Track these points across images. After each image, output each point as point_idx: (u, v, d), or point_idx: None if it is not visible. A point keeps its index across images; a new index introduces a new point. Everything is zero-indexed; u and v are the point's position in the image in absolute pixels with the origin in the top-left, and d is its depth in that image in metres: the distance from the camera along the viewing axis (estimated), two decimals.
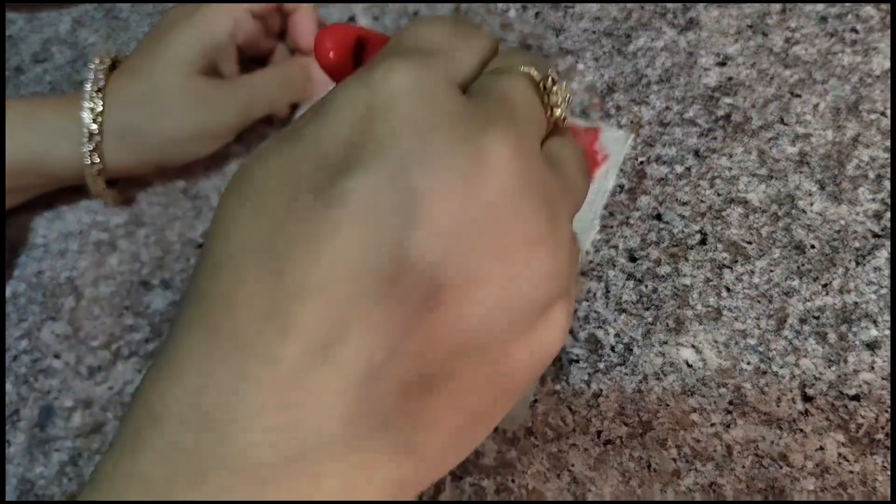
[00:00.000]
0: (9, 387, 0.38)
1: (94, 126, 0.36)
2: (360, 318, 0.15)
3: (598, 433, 0.31)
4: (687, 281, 0.33)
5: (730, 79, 0.38)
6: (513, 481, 0.31)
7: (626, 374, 0.32)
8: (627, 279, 0.34)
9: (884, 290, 0.32)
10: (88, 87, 0.36)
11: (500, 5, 0.43)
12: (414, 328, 0.16)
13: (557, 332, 0.18)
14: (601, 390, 0.32)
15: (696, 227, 0.35)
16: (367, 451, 0.16)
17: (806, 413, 0.30)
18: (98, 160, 0.37)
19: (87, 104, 0.36)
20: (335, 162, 0.16)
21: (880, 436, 0.29)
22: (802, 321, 0.32)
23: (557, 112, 0.20)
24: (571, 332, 0.33)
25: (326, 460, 0.15)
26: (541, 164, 0.18)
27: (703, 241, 0.34)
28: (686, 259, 0.34)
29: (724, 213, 0.35)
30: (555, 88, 0.20)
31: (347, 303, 0.15)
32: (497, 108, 0.18)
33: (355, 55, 0.22)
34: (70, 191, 0.41)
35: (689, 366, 0.32)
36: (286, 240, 0.16)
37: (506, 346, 0.17)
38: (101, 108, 0.36)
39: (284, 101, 0.41)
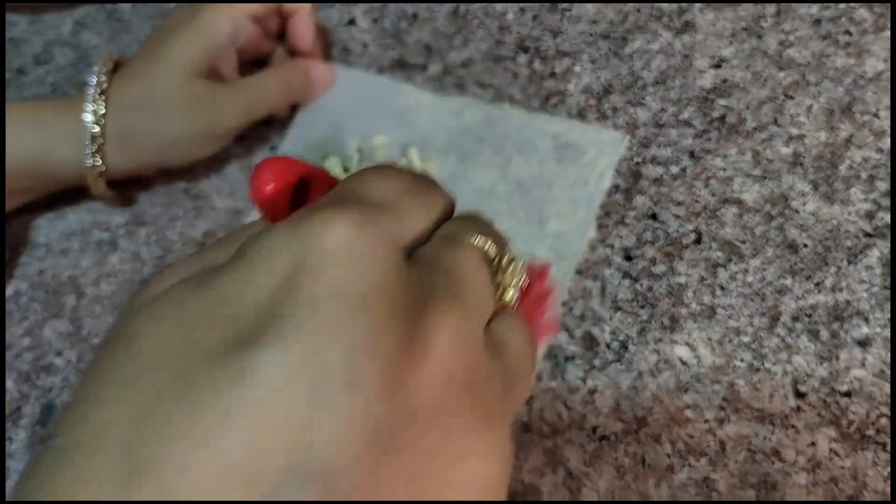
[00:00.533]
0: (11, 384, 0.38)
1: (97, 128, 0.37)
2: None
3: (594, 429, 0.32)
4: (682, 279, 0.34)
5: (725, 81, 0.39)
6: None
7: (621, 371, 0.32)
8: (623, 278, 0.34)
9: (875, 289, 0.32)
10: (91, 89, 0.37)
11: (497, 7, 0.44)
12: None
13: None
14: (597, 387, 0.32)
15: (691, 227, 0.35)
16: None
17: (798, 409, 0.31)
18: (100, 162, 0.37)
19: (89, 106, 0.36)
20: (244, 328, 0.14)
21: (871, 431, 0.30)
22: (795, 319, 0.32)
23: (508, 296, 0.18)
24: (568, 329, 0.34)
25: None
26: (482, 358, 0.16)
27: (697, 241, 0.35)
28: (681, 258, 0.34)
29: (718, 213, 0.35)
30: (510, 269, 0.18)
31: None
32: (442, 284, 0.15)
33: (298, 194, 0.19)
34: (72, 191, 0.41)
35: (684, 363, 0.32)
36: (158, 430, 0.13)
37: None
38: (103, 111, 0.37)
39: (284, 103, 0.42)
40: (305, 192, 0.19)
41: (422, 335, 0.14)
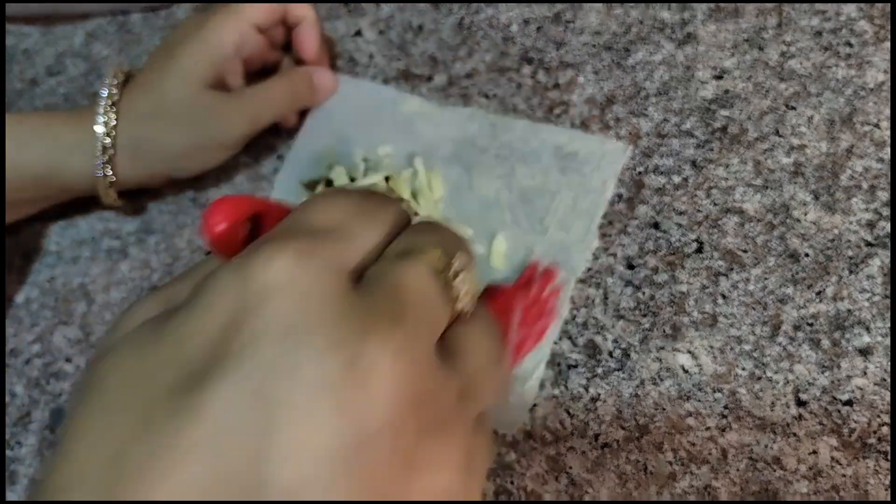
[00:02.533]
0: (21, 390, 0.39)
1: (108, 140, 0.37)
2: None
3: (596, 436, 0.32)
4: (683, 288, 0.34)
5: (726, 91, 0.39)
6: (512, 483, 0.31)
7: (623, 378, 0.33)
8: (625, 286, 0.35)
9: (876, 298, 0.33)
10: (103, 101, 0.37)
11: (502, 19, 0.44)
12: None
13: None
14: (599, 395, 0.33)
15: (693, 236, 0.35)
16: None
17: (799, 417, 0.31)
18: (111, 172, 0.38)
19: (101, 118, 0.37)
20: (197, 367, 0.14)
21: (872, 440, 0.30)
22: (796, 328, 0.33)
23: (460, 306, 0.18)
24: (570, 337, 0.34)
25: None
26: (430, 373, 0.16)
27: (699, 250, 0.35)
28: (683, 267, 0.35)
29: (720, 222, 0.35)
30: (459, 280, 0.18)
31: None
32: (386, 305, 0.16)
33: (254, 228, 0.20)
34: (83, 200, 0.42)
35: (686, 371, 0.32)
36: (128, 470, 0.14)
37: None
38: (114, 123, 0.37)
39: (289, 110, 0.42)
40: (260, 226, 0.20)
41: (361, 361, 0.14)
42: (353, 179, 0.40)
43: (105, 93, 0.38)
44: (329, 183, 0.40)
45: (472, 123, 0.41)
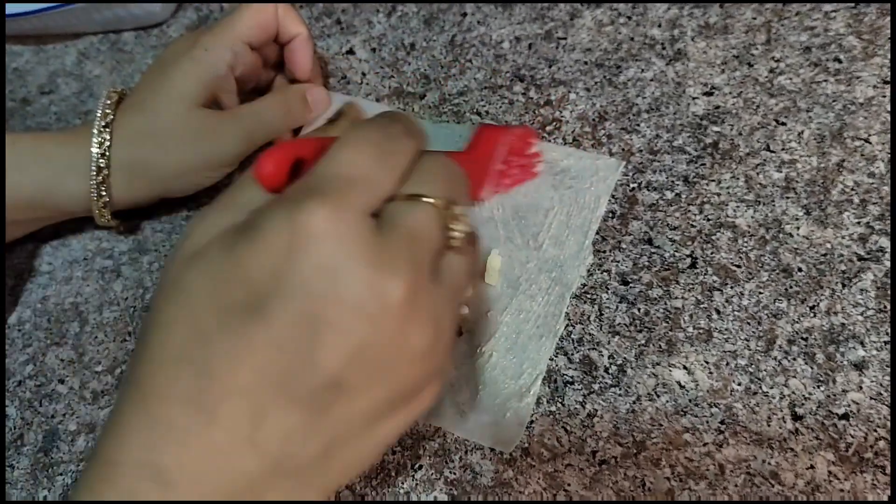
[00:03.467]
0: (13, 412, 0.38)
1: (102, 161, 0.37)
2: (275, 414, 0.20)
3: (593, 453, 0.32)
4: (678, 303, 0.34)
5: (717, 107, 0.39)
6: (510, 501, 0.31)
7: (619, 394, 0.33)
8: (620, 302, 0.35)
9: (870, 312, 0.33)
10: (97, 122, 0.37)
11: (493, 37, 0.45)
12: (318, 419, 0.21)
13: (425, 403, 0.24)
14: (595, 411, 0.33)
15: (687, 251, 0.36)
16: (285, 491, 0.21)
17: (796, 432, 0.31)
18: (105, 194, 0.38)
19: (95, 139, 0.37)
20: (260, 286, 0.20)
21: (869, 454, 0.30)
22: (791, 342, 0.33)
23: (454, 242, 0.23)
24: (566, 353, 0.34)
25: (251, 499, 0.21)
26: (430, 292, 0.22)
27: (693, 265, 0.35)
28: (677, 282, 0.35)
29: (713, 238, 0.36)
30: (456, 223, 0.23)
31: (263, 404, 0.20)
32: (398, 244, 0.21)
33: (296, 166, 0.24)
34: (76, 219, 0.42)
35: (682, 386, 0.32)
36: (216, 350, 0.20)
37: (385, 419, 0.23)
38: (108, 143, 0.37)
39: (284, 128, 0.42)
40: (302, 163, 0.24)
41: (384, 293, 0.20)
42: None
43: (99, 113, 0.38)
44: None
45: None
